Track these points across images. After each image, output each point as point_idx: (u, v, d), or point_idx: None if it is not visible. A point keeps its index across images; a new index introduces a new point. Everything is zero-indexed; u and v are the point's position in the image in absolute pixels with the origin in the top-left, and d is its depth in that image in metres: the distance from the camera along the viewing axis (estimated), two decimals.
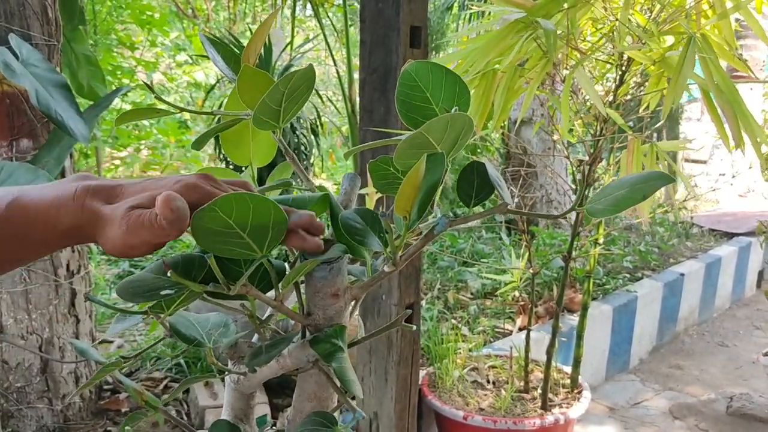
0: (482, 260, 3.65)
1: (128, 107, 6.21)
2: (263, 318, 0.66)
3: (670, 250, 4.48)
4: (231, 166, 3.09)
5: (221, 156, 2.91)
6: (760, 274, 5.12)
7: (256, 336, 0.71)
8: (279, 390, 2.52)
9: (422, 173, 0.57)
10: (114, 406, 2.40)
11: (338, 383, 0.61)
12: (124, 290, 0.55)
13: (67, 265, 2.22)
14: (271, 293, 0.60)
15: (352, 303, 0.65)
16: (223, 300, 0.61)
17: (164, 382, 2.51)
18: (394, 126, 2.04)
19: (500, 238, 4.12)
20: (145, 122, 6.76)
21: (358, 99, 3.79)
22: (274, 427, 0.77)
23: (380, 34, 2.03)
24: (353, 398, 0.71)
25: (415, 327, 0.68)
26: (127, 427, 0.61)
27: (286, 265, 0.64)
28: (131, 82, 5.75)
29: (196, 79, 8.46)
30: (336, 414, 0.64)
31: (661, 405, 3.31)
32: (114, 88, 3.91)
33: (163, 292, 0.54)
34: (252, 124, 0.68)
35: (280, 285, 0.58)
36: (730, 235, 5.05)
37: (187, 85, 8.51)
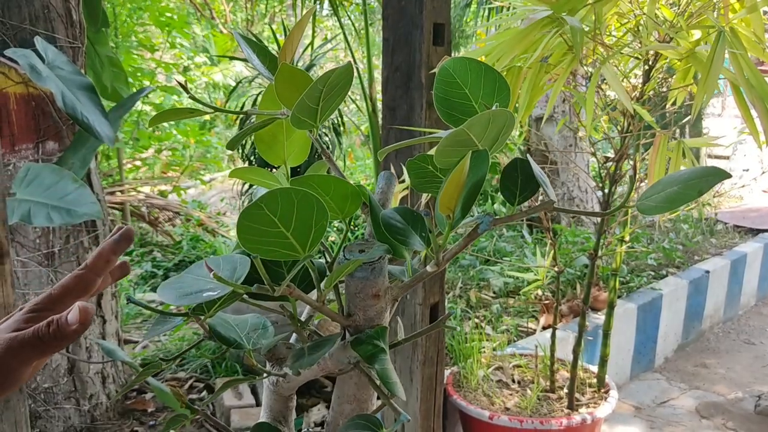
0: (504, 258, 3.63)
1: (149, 109, 6.25)
2: (303, 320, 0.65)
3: (694, 247, 4.42)
4: (255, 164, 3.09)
5: (245, 156, 2.93)
6: None
7: (293, 337, 0.70)
8: (304, 390, 2.51)
9: (467, 171, 0.56)
10: (140, 407, 2.41)
11: (379, 384, 0.60)
12: (167, 292, 0.55)
13: None
14: (312, 294, 0.59)
15: (393, 304, 0.64)
16: (263, 301, 0.60)
17: (189, 382, 2.52)
18: (417, 124, 2.03)
19: (522, 236, 4.09)
20: (165, 124, 6.80)
21: (378, 98, 3.78)
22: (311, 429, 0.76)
23: (403, 32, 2.03)
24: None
25: (457, 327, 0.67)
26: (171, 431, 0.61)
27: (326, 265, 0.63)
28: (151, 84, 5.79)
29: (215, 80, 8.50)
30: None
31: (688, 404, 3.27)
32: (136, 89, 3.94)
33: (206, 294, 0.53)
34: (290, 123, 0.68)
35: (322, 285, 0.57)
36: (755, 231, 4.98)
37: (205, 86, 8.55)
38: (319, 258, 0.66)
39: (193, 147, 6.25)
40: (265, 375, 0.66)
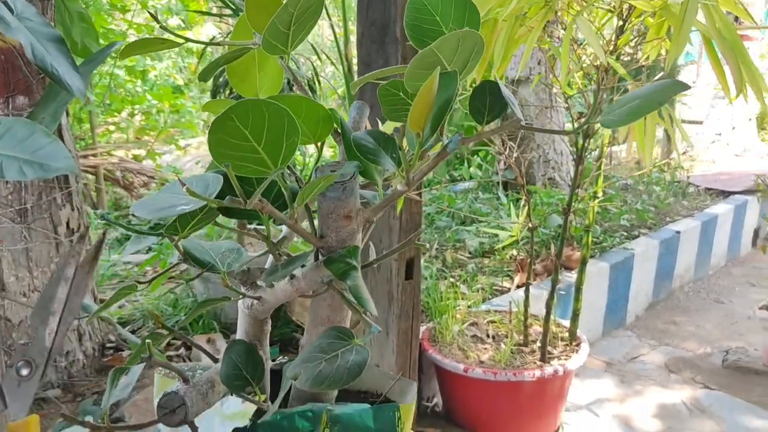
0: (480, 219, 3.66)
1: (121, 72, 6.14)
2: (275, 242, 0.66)
3: (666, 208, 4.50)
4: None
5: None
6: (756, 231, 5.15)
7: (267, 262, 0.72)
8: (282, 348, 2.54)
9: (435, 89, 0.57)
10: (117, 363, 2.42)
11: (352, 302, 0.61)
12: (141, 207, 0.55)
13: (67, 223, 2.22)
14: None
15: (365, 226, 0.65)
16: (237, 218, 0.61)
17: (167, 340, 2.53)
18: (393, 77, 2.03)
19: (497, 198, 4.12)
20: (138, 88, 6.69)
21: (355, 61, 3.75)
22: (285, 357, 0.78)
23: None
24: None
25: (428, 246, 0.69)
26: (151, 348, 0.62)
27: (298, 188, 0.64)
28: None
29: (187, 45, 8.35)
30: None
31: (657, 359, 3.35)
32: None
33: (179, 208, 0.54)
34: (262, 50, 0.68)
35: (294, 203, 0.58)
36: (726, 194, 5.07)
37: (178, 50, 8.41)
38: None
39: (167, 111, 6.17)
40: (241, 296, 0.67)
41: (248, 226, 0.73)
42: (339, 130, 0.66)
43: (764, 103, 1.62)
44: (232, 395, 0.62)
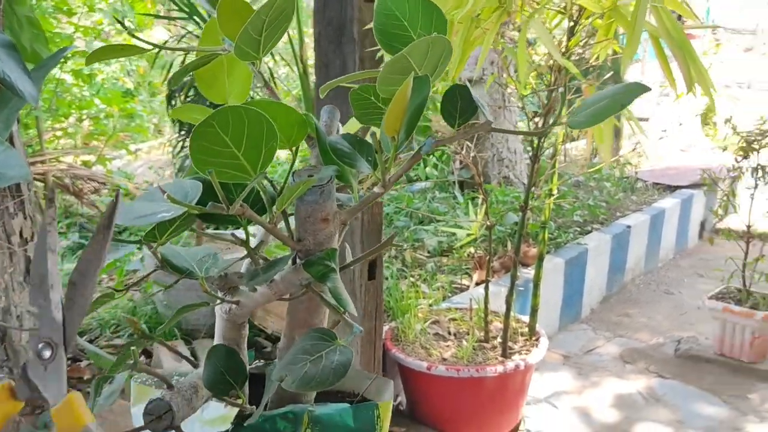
0: (438, 218, 3.70)
1: (68, 77, 6.00)
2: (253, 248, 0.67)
3: (617, 203, 4.62)
4: (185, 130, 3.03)
5: (175, 121, 2.86)
6: (702, 224, 5.32)
7: (243, 267, 0.72)
8: None
9: (409, 94, 0.58)
10: (75, 374, 2.37)
11: (331, 302, 0.62)
12: (126, 214, 0.55)
13: (20, 233, 2.16)
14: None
15: (340, 229, 0.66)
16: (216, 224, 0.62)
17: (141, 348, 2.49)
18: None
19: (454, 197, 4.17)
20: (86, 92, 6.54)
21: (310, 62, 3.75)
22: (261, 361, 0.79)
23: None
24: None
25: (406, 246, 0.70)
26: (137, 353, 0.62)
27: (276, 193, 0.65)
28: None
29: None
30: None
31: (613, 351, 3.44)
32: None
33: (159, 215, 0.54)
34: (232, 57, 0.69)
35: (274, 207, 0.59)
36: (672, 188, 5.22)
37: None
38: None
39: (117, 115, 6.05)
40: (219, 301, 0.67)
41: (210, 230, 0.73)
42: (312, 135, 0.67)
43: (712, 99, 1.69)
44: (215, 400, 0.62)
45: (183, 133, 2.89)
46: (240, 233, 0.64)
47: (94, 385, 0.56)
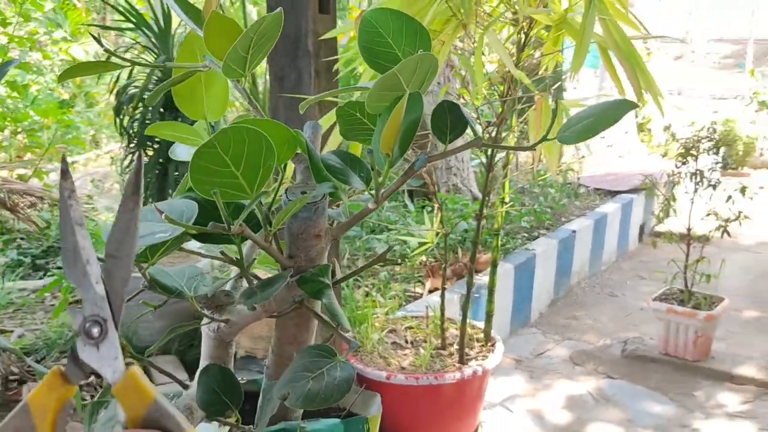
0: (389, 227, 3.72)
1: (1, 89, 5.79)
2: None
3: (561, 209, 4.73)
4: (135, 139, 2.95)
5: (123, 129, 2.79)
6: (642, 228, 5.50)
7: (228, 285, 0.72)
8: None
9: (404, 112, 0.59)
10: (18, 397, 2.28)
11: (326, 318, 0.63)
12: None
13: None
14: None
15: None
16: (210, 243, 0.61)
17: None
18: (306, 91, 2.04)
19: (405, 206, 4.20)
20: (20, 104, 6.32)
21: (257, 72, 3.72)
22: (243, 379, 0.78)
23: (289, 0, 2.02)
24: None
25: (400, 262, 0.71)
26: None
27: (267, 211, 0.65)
28: (2, 60, 5.36)
29: (74, 57, 8.01)
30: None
31: (562, 353, 3.52)
32: None
33: (158, 235, 0.54)
34: (209, 75, 0.68)
35: (271, 225, 0.59)
36: (613, 194, 5.39)
37: (62, 63, 8.05)
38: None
39: (53, 128, 5.87)
40: (208, 321, 0.67)
41: (192, 248, 0.72)
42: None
43: (661, 106, 1.76)
44: (209, 421, 0.61)
45: (133, 146, 2.82)
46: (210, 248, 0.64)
47: (89, 411, 0.55)
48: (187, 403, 0.62)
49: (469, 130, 0.66)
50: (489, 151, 2.10)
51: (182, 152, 0.80)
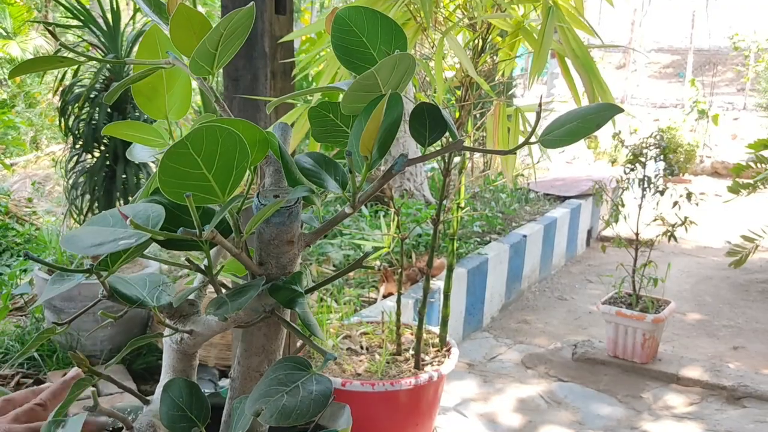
0: (343, 232, 3.69)
1: None
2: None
3: (512, 214, 4.78)
4: (80, 140, 2.83)
5: (68, 130, 2.67)
6: (589, 232, 5.61)
7: (192, 294, 0.68)
8: (148, 376, 2.40)
9: (383, 114, 0.57)
10: None
11: (297, 328, 0.60)
12: (73, 243, 0.50)
13: None
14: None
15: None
16: (175, 250, 0.58)
17: (16, 378, 2.31)
18: (262, 93, 2.00)
19: (359, 210, 4.18)
20: None
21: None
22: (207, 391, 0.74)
23: (244, 0, 1.97)
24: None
25: (376, 267, 0.69)
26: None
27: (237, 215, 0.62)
28: None
29: (12, 55, 7.74)
30: None
31: (514, 357, 3.54)
32: None
33: (122, 242, 0.50)
34: (188, 69, 0.65)
35: (243, 231, 0.56)
36: (562, 199, 5.47)
37: (0, 60, 7.77)
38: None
39: None
40: (171, 332, 0.63)
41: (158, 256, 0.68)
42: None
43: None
44: None
45: (78, 147, 2.72)
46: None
47: (45, 429, 0.51)
48: (150, 420, 0.58)
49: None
50: (446, 156, 2.09)
51: (141, 153, 0.76)
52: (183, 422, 0.57)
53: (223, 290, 0.60)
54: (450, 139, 0.62)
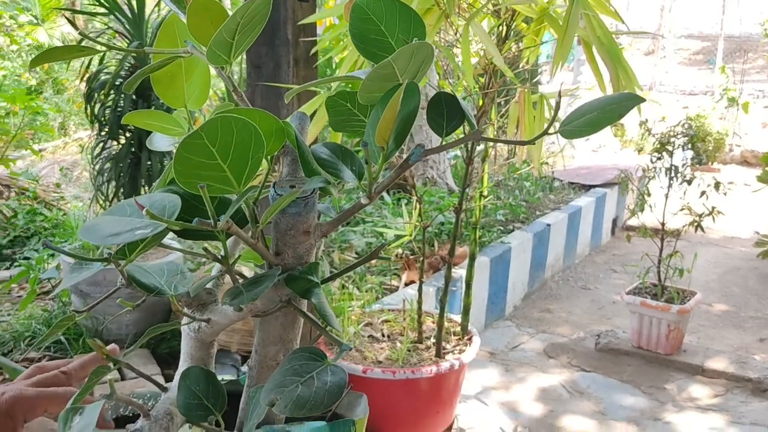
0: (366, 220, 3.69)
1: None
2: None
3: (536, 202, 4.74)
4: (106, 127, 2.86)
5: (94, 117, 2.71)
6: (614, 221, 5.55)
7: (211, 283, 0.68)
8: (171, 361, 2.43)
9: (400, 103, 0.56)
10: None
11: (315, 318, 0.60)
12: (91, 234, 0.51)
13: None
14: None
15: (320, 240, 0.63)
16: (192, 240, 0.58)
17: (42, 362, 2.35)
18: (284, 81, 2.00)
19: (381, 198, 4.17)
20: None
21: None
22: (223, 379, 0.75)
23: None
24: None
25: (397, 255, 0.68)
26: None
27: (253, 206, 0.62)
28: None
29: (40, 41, 7.83)
30: None
31: (537, 346, 3.53)
32: None
33: (138, 232, 0.50)
34: (205, 59, 0.65)
35: (260, 221, 0.56)
36: (587, 188, 5.42)
37: (29, 47, 7.86)
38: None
39: (21, 114, 5.73)
40: (189, 320, 0.63)
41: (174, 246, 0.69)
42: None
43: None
44: (190, 426, 0.58)
45: (104, 134, 2.75)
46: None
47: (63, 418, 0.51)
48: (167, 408, 0.59)
49: None
50: (468, 145, 2.07)
51: (161, 142, 0.77)
52: (200, 410, 0.58)
53: (240, 280, 0.60)
54: (469, 129, 0.62)
